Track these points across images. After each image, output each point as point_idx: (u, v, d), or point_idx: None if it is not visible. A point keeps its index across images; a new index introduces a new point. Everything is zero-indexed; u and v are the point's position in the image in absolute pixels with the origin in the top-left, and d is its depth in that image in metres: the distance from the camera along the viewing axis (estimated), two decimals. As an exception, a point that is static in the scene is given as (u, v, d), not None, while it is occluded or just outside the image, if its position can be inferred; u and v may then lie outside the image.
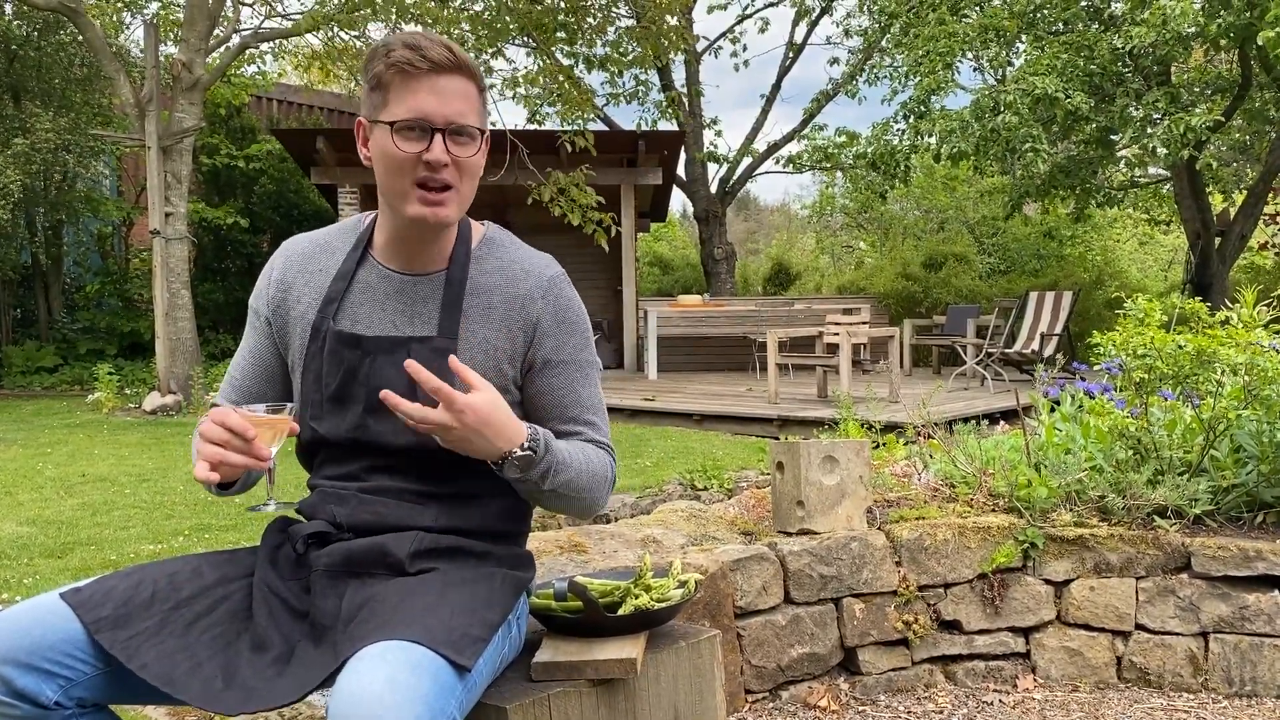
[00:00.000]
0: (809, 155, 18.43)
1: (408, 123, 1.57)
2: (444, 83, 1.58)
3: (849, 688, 2.94)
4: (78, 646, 1.51)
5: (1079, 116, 9.83)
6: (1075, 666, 2.99)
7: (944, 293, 15.55)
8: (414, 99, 1.57)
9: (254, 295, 1.82)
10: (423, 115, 1.57)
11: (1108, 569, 2.98)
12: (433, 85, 1.57)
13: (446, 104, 1.58)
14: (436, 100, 1.57)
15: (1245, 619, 2.88)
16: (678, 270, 20.17)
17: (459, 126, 1.59)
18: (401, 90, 1.58)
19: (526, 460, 1.56)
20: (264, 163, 14.96)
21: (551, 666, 1.68)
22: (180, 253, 10.37)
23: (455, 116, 1.58)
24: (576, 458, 1.65)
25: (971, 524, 3.04)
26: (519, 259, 1.75)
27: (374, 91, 1.62)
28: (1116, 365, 3.88)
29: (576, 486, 1.66)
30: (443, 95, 1.58)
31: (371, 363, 1.68)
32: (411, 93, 1.57)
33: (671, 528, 3.14)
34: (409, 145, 1.58)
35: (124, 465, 7.11)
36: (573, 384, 1.73)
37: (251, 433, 1.48)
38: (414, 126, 1.57)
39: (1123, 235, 19.92)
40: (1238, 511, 3.12)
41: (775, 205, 39.29)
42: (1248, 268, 15.14)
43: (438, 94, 1.57)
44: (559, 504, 1.68)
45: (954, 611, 3.01)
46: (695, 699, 1.85)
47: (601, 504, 1.74)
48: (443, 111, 1.57)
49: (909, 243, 18.62)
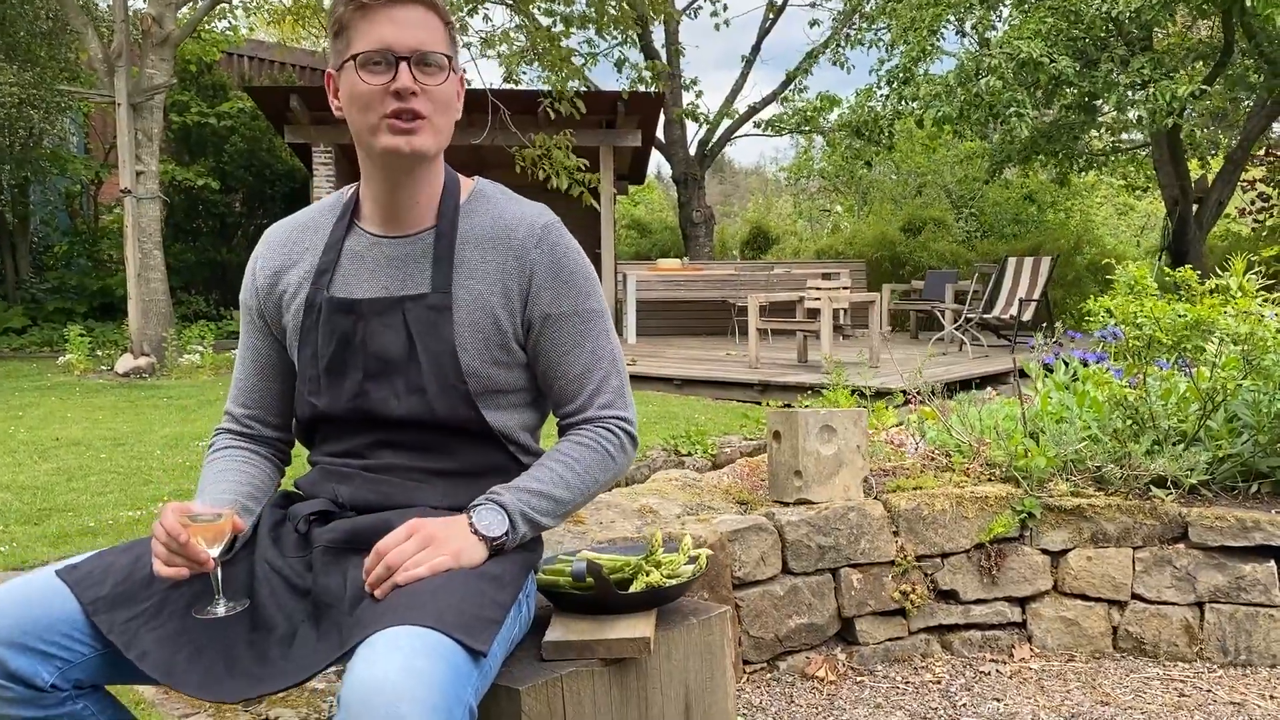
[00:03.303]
0: (789, 119, 18.31)
1: (370, 54, 1.53)
2: (403, 13, 1.54)
3: (846, 658, 2.92)
4: (75, 627, 1.45)
5: (1063, 81, 9.78)
6: (1071, 636, 2.99)
7: (923, 256, 15.55)
8: (374, 30, 1.53)
9: (243, 291, 1.77)
10: (385, 44, 1.53)
11: (1105, 539, 2.97)
12: (391, 15, 1.54)
13: (408, 32, 1.54)
14: (396, 29, 1.53)
15: (1241, 589, 2.88)
16: (655, 233, 20.05)
17: (424, 54, 1.54)
18: (362, 25, 1.54)
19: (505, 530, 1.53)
20: (236, 121, 14.67)
21: (563, 646, 1.64)
22: (152, 212, 10.16)
23: (418, 44, 1.54)
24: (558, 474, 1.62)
25: (969, 494, 3.02)
26: (510, 209, 1.68)
27: (338, 38, 1.58)
28: (1111, 333, 3.87)
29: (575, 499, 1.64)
30: (402, 24, 1.54)
31: (366, 326, 1.63)
32: (372, 24, 1.53)
33: (667, 497, 3.10)
34: (374, 77, 1.53)
35: (98, 429, 6.99)
36: (579, 340, 1.66)
37: (183, 537, 1.42)
38: (378, 59, 1.53)
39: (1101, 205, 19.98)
40: (1233, 481, 3.12)
41: (751, 167, 39.11)
42: (1224, 235, 15.23)
43: (397, 23, 1.53)
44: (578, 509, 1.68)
45: (951, 581, 3.00)
46: (706, 677, 1.82)
47: (609, 485, 1.71)
48: (404, 40, 1.53)
49: (887, 206, 18.59)
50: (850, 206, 21.46)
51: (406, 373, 1.62)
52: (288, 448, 1.82)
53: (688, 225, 16.84)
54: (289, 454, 1.83)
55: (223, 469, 1.70)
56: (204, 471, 1.72)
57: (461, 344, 1.61)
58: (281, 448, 1.81)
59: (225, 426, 1.79)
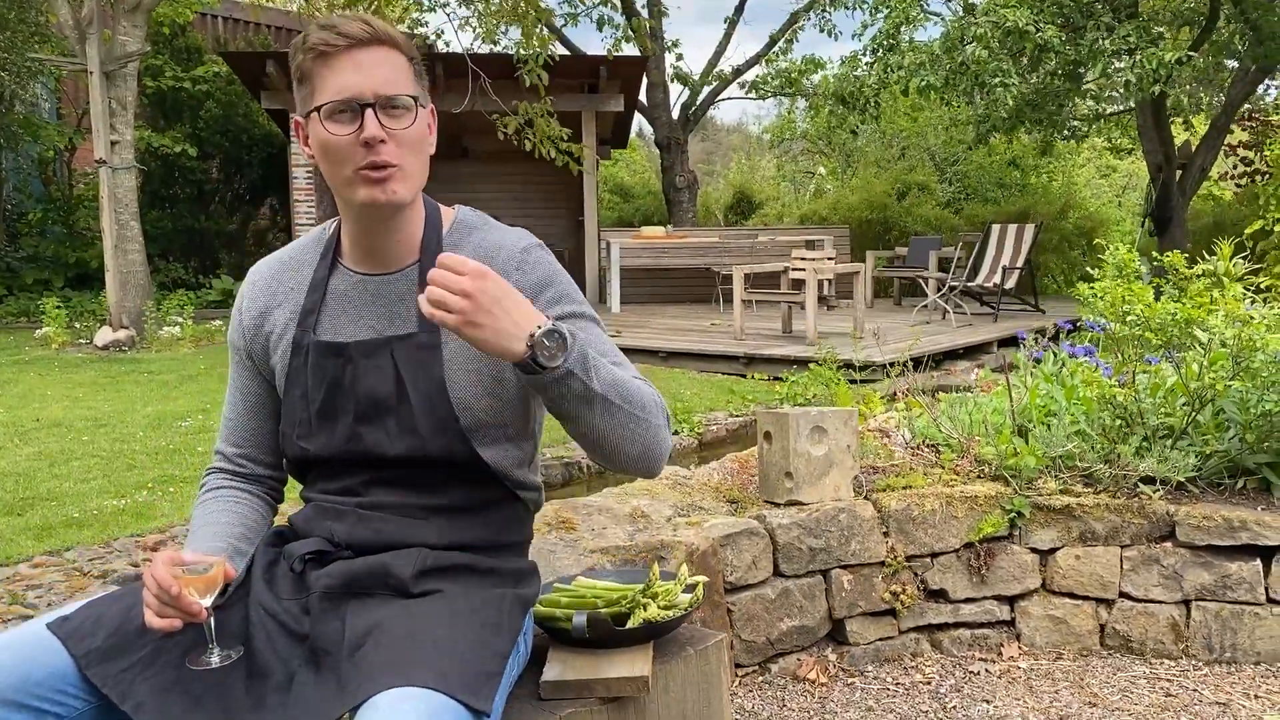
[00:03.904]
0: (772, 81, 18.16)
1: (335, 104, 1.49)
2: (364, 56, 1.50)
3: (837, 658, 2.94)
4: (68, 681, 1.44)
5: (1048, 49, 9.72)
6: (1060, 634, 3.02)
7: (908, 222, 15.53)
8: (337, 78, 1.49)
9: (230, 330, 1.74)
10: (348, 93, 1.48)
11: (1093, 538, 2.99)
12: (353, 60, 1.49)
13: (370, 76, 1.49)
14: (359, 74, 1.49)
15: (1227, 587, 2.91)
16: (639, 198, 19.93)
17: (388, 98, 1.50)
18: (324, 73, 1.50)
19: (558, 341, 1.38)
20: (211, 85, 14.43)
21: (561, 685, 1.63)
22: (128, 183, 10.00)
23: (382, 87, 1.49)
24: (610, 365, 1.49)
25: (959, 493, 3.03)
26: (491, 238, 1.65)
27: (301, 85, 1.54)
28: (1100, 325, 3.87)
29: (628, 394, 1.46)
30: (365, 69, 1.49)
31: (354, 369, 1.60)
32: (333, 71, 1.49)
33: (658, 497, 3.09)
34: (341, 128, 1.49)
35: (79, 408, 6.93)
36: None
37: (175, 589, 1.39)
38: (343, 108, 1.49)
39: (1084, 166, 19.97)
40: (1219, 477, 3.13)
41: (733, 124, 38.78)
42: (1207, 197, 15.27)
43: (359, 68, 1.49)
44: (615, 425, 1.47)
45: (941, 581, 3.01)
46: (703, 705, 1.82)
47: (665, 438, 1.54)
48: (368, 85, 1.49)
49: (870, 170, 18.52)
50: (834, 169, 21.37)
51: (398, 413, 1.59)
52: (280, 485, 1.80)
53: (671, 190, 16.74)
54: (282, 491, 1.81)
55: (214, 510, 1.68)
56: (195, 513, 1.70)
57: (452, 380, 1.59)
58: (274, 485, 1.79)
59: (217, 465, 1.76)
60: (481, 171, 14.50)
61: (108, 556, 3.89)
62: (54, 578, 3.63)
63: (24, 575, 3.65)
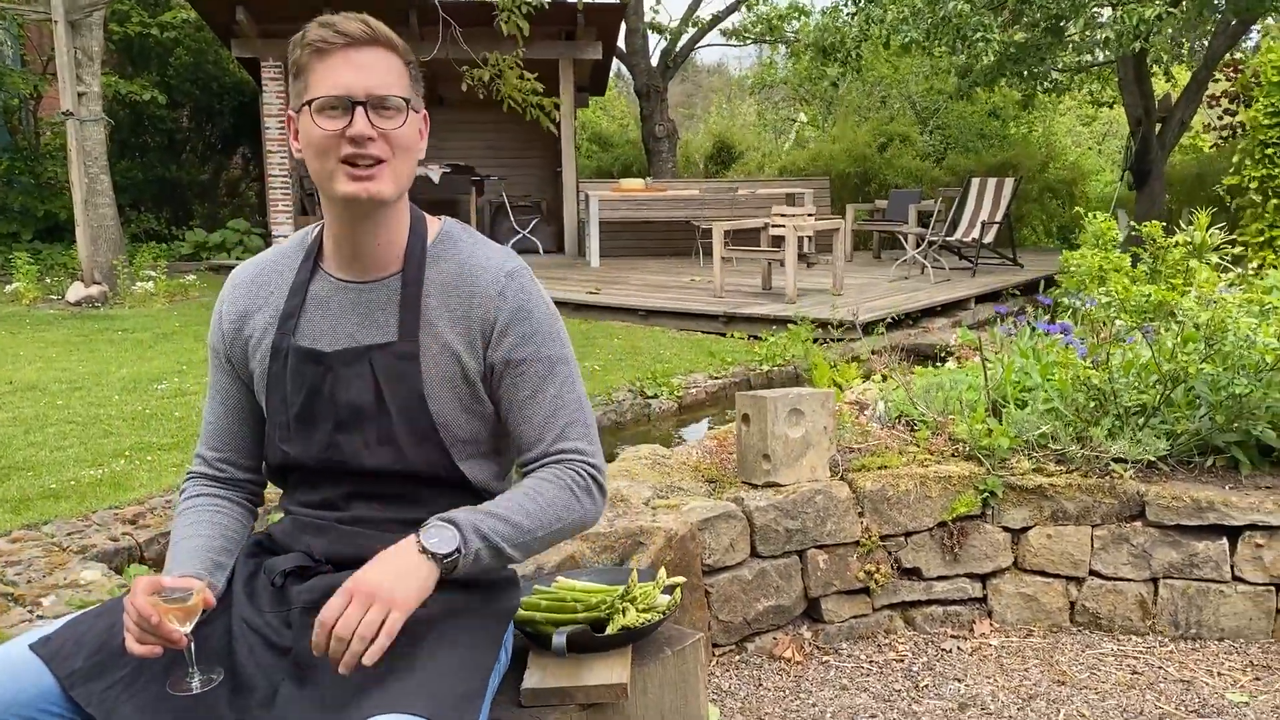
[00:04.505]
0: (753, 26, 17.94)
1: (326, 99, 1.50)
2: (360, 55, 1.52)
3: (812, 636, 2.99)
4: (52, 701, 1.46)
5: (1030, 1, 9.65)
6: (1030, 611, 3.08)
7: (888, 174, 15.48)
8: (331, 75, 1.50)
9: (210, 334, 1.74)
10: (341, 89, 1.50)
11: (1065, 517, 3.04)
12: (348, 59, 1.51)
13: (364, 76, 1.51)
14: (353, 73, 1.50)
15: (1194, 565, 2.97)
16: (618, 147, 19.73)
17: (381, 98, 1.51)
18: (319, 69, 1.51)
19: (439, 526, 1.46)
20: (180, 32, 14.11)
21: (542, 693, 1.66)
22: (97, 135, 9.82)
23: (375, 88, 1.51)
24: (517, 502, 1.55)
25: (933, 473, 3.07)
26: (476, 255, 1.65)
27: (296, 79, 1.55)
28: (1077, 299, 3.90)
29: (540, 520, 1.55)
30: (360, 68, 1.51)
31: (334, 377, 1.61)
32: (329, 69, 1.51)
33: (637, 478, 3.11)
34: (330, 123, 1.50)
35: (53, 369, 6.87)
36: (541, 385, 1.62)
37: (155, 619, 1.40)
38: (334, 104, 1.50)
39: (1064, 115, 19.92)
40: (1189, 455, 3.18)
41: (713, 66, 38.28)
42: (1189, 148, 15.30)
43: (354, 67, 1.51)
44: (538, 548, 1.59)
45: (914, 559, 3.06)
46: (680, 703, 1.86)
47: (587, 521, 1.63)
48: (361, 84, 1.50)
49: (852, 118, 18.40)
50: (814, 117, 21.21)
51: (377, 422, 1.60)
52: (260, 489, 1.81)
53: (650, 140, 16.59)
54: (261, 495, 1.82)
55: (194, 522, 1.68)
56: (176, 523, 1.70)
57: (430, 392, 1.60)
58: (254, 490, 1.79)
59: (197, 470, 1.76)
60: (456, 120, 14.27)
61: (86, 530, 3.88)
62: (33, 553, 3.62)
63: (3, 551, 3.64)
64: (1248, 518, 2.91)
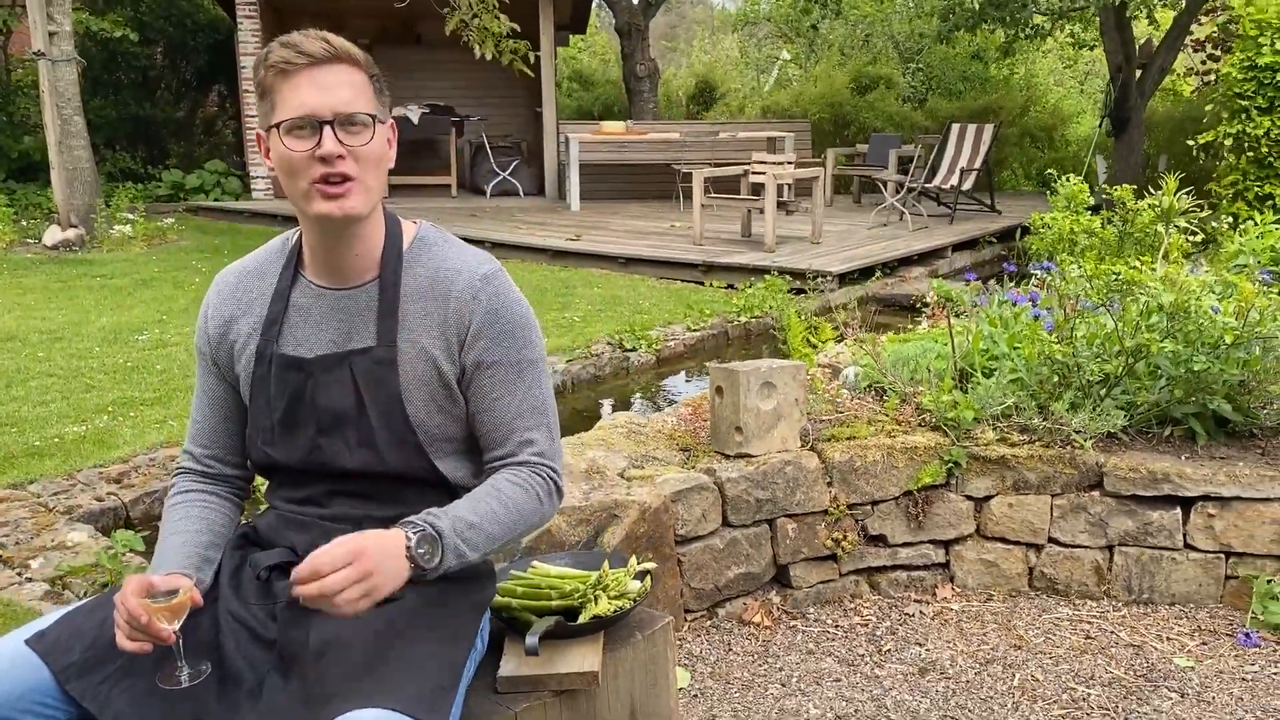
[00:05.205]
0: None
1: (294, 121, 1.54)
2: (323, 74, 1.55)
3: (780, 601, 3.11)
4: (48, 694, 1.53)
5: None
6: (991, 576, 3.20)
7: (869, 117, 15.41)
8: (296, 96, 1.54)
9: (196, 335, 1.80)
10: (307, 110, 1.54)
11: (1026, 486, 3.15)
12: (312, 78, 1.55)
13: (329, 94, 1.55)
14: (318, 92, 1.54)
15: (1148, 534, 3.09)
16: (598, 87, 19.50)
17: (347, 115, 1.56)
18: (284, 90, 1.55)
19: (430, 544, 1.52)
20: (152, -35, 13.79)
21: (517, 680, 1.75)
22: (69, 75, 9.65)
23: (341, 106, 1.55)
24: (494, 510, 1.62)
25: (900, 444, 3.16)
26: (451, 258, 1.71)
27: (263, 100, 1.59)
28: (1045, 267, 3.96)
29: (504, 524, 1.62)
30: (324, 86, 1.55)
31: (315, 382, 1.68)
32: (293, 89, 1.55)
33: (613, 448, 3.19)
34: (299, 144, 1.55)
35: (32, 318, 6.86)
36: (510, 388, 1.69)
37: (144, 619, 1.45)
38: (302, 124, 1.54)
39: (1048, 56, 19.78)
40: (1148, 425, 3.29)
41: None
42: (1170, 91, 15.26)
43: (319, 86, 1.55)
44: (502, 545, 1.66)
45: (880, 526, 3.17)
46: (649, 684, 1.95)
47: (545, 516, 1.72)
48: (327, 103, 1.54)
49: (834, 58, 18.23)
50: (797, 55, 21.00)
51: (357, 426, 1.67)
52: (247, 483, 1.88)
53: (631, 80, 16.40)
54: (249, 489, 1.89)
55: (182, 517, 1.75)
56: (164, 518, 1.77)
57: (407, 396, 1.66)
58: (241, 484, 1.86)
59: (185, 466, 1.83)
60: (434, 60, 14.07)
61: (72, 490, 3.95)
62: (20, 514, 3.69)
63: (-10, 512, 3.70)
64: (1201, 489, 3.03)
